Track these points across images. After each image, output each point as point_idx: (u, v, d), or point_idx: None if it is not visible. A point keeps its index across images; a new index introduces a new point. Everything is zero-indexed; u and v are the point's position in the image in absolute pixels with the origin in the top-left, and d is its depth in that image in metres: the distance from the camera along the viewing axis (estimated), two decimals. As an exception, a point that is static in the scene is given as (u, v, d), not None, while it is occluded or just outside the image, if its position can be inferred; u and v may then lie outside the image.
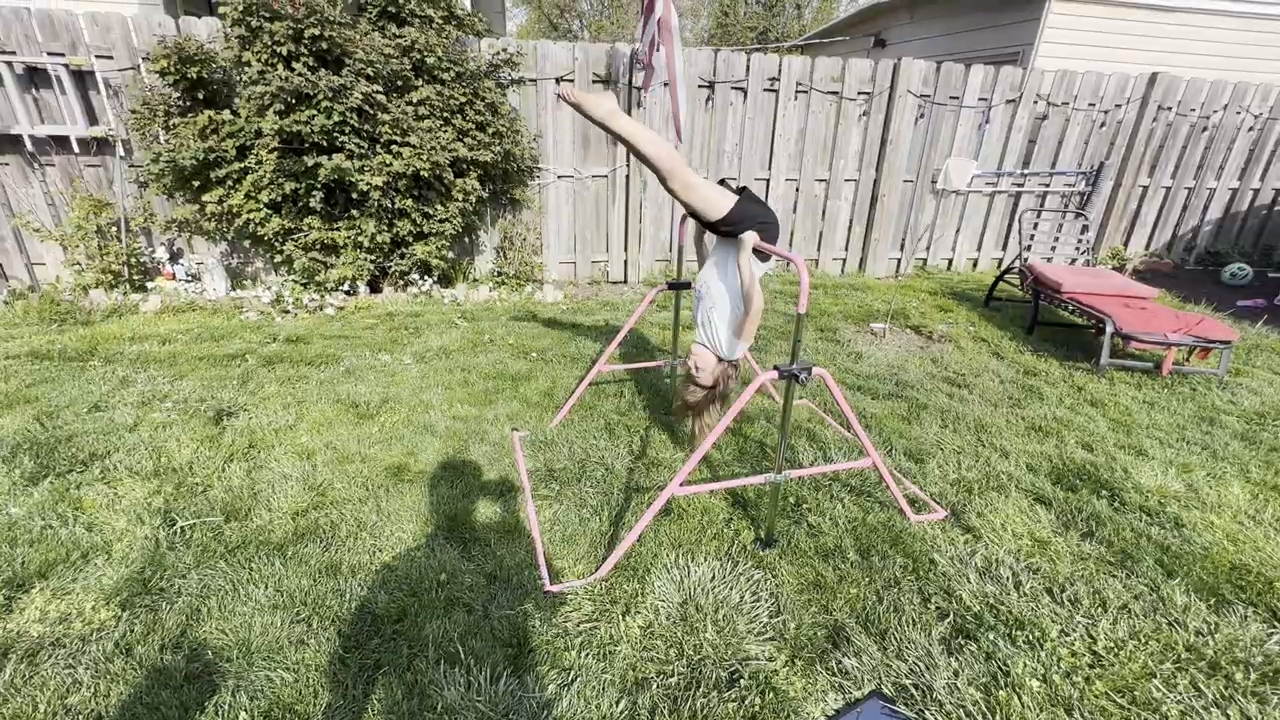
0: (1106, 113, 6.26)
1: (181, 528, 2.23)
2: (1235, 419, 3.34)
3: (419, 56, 4.24)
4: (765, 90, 5.59)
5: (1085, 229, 5.81)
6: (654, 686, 1.70)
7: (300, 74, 3.75)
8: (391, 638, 1.81)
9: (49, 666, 1.67)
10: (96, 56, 4.42)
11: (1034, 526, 2.42)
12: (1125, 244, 6.91)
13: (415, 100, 4.26)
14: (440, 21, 4.44)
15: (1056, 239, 6.10)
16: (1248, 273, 6.25)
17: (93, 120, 4.57)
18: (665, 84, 4.75)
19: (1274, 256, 7.15)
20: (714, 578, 2.10)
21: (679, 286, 3.01)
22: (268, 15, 3.73)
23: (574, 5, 29.35)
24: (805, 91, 5.67)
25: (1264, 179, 6.91)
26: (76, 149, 4.56)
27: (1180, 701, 1.67)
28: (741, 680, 1.73)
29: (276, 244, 4.55)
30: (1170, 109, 6.29)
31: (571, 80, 5.19)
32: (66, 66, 4.36)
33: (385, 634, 1.82)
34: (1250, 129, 6.62)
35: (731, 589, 2.06)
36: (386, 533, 2.27)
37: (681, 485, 2.14)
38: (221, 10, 3.83)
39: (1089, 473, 2.79)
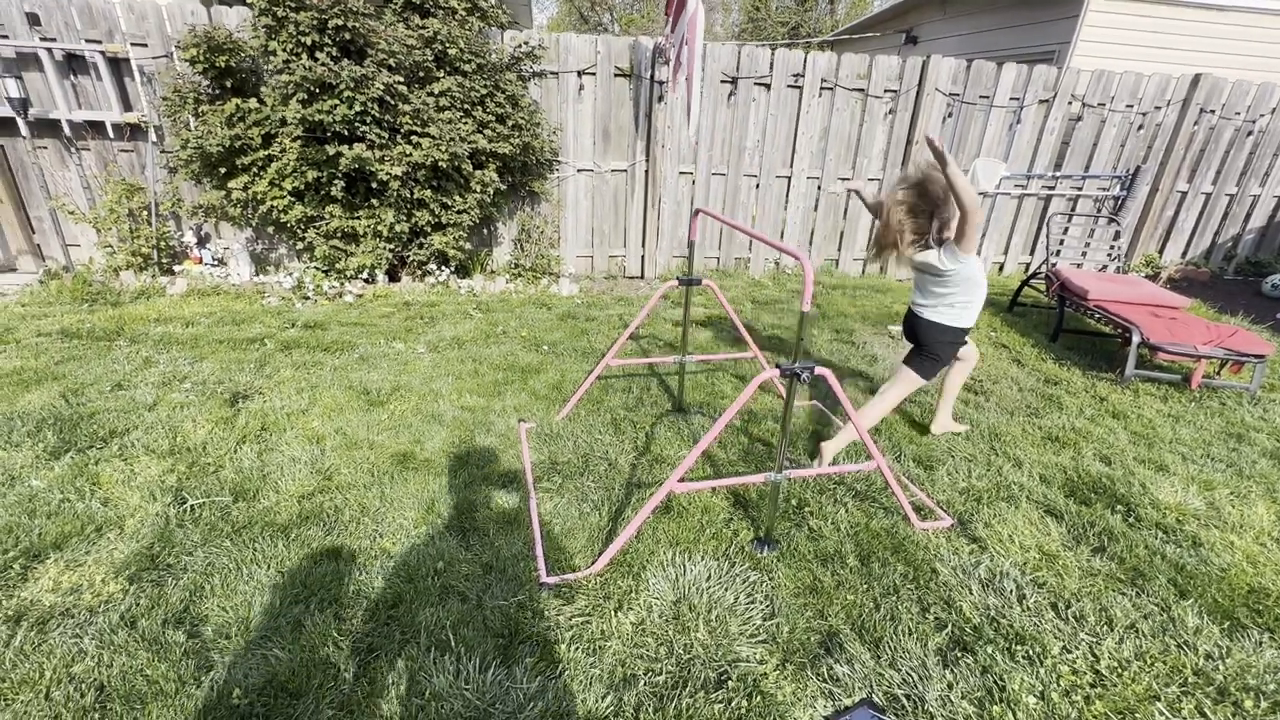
0: (1145, 115, 6.04)
1: (191, 506, 2.29)
2: (1266, 436, 3.22)
3: (441, 48, 4.26)
4: (789, 86, 5.51)
5: (1118, 234, 5.64)
6: (641, 684, 1.70)
7: (323, 64, 3.80)
8: (386, 622, 1.84)
9: (57, 635, 1.73)
10: (132, 44, 4.53)
11: (1043, 539, 2.36)
12: (1160, 251, 6.68)
13: (436, 91, 4.29)
14: (463, 13, 4.46)
15: (1088, 244, 5.92)
16: (1290, 284, 6.00)
17: (127, 106, 4.70)
18: (687, 80, 4.71)
19: (1320, 268, 6.85)
20: (710, 577, 2.09)
21: (690, 283, 2.97)
22: (294, 5, 3.79)
23: (605, -1, 29.29)
24: (830, 88, 5.58)
25: (1312, 187, 6.62)
26: (111, 134, 4.69)
27: (1184, 726, 1.61)
28: (730, 682, 1.71)
29: (299, 231, 4.63)
30: (1213, 112, 6.05)
31: (593, 73, 5.18)
32: (103, 53, 4.48)
33: (380, 618, 1.85)
34: (1299, 134, 6.34)
35: (727, 589, 2.04)
36: (388, 519, 2.30)
37: (680, 482, 2.13)
38: (249, 0, 3.90)
39: (1105, 486, 2.71)
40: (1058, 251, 5.52)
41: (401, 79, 4.06)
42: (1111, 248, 5.64)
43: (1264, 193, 6.57)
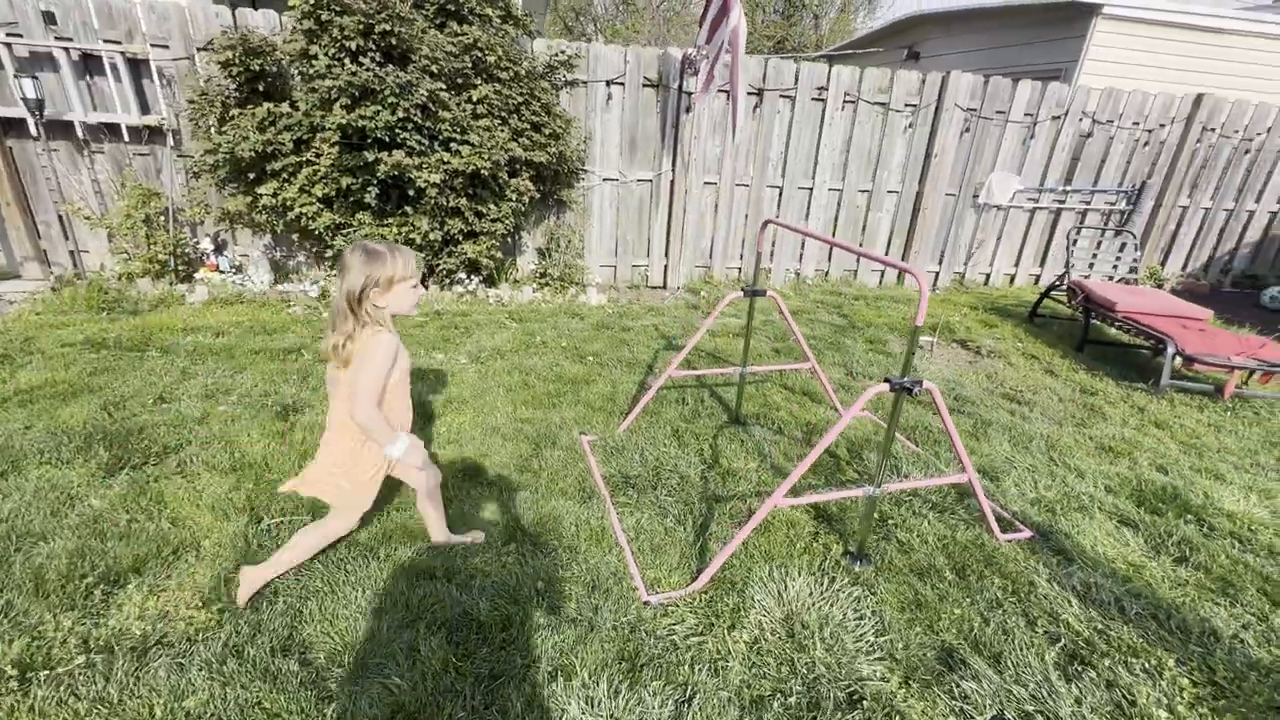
0: (1150, 132, 6.24)
1: (268, 525, 2.20)
2: (1305, 445, 3.31)
3: (479, 55, 4.21)
4: (813, 100, 5.57)
5: (1124, 246, 5.79)
6: (774, 705, 1.66)
7: (368, 69, 3.72)
8: (501, 646, 1.77)
9: (159, 667, 1.63)
10: (153, 45, 4.40)
11: (1124, 550, 2.38)
12: (1163, 264, 6.88)
13: (475, 99, 4.24)
14: (498, 20, 4.43)
15: (1095, 255, 6.07)
16: (1288, 296, 6.21)
17: (144, 109, 4.55)
18: (721, 91, 4.73)
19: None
20: (811, 593, 2.07)
21: (754, 294, 2.96)
22: (339, 9, 3.71)
23: (589, 9, 29.44)
24: (853, 101, 5.65)
25: (1303, 203, 6.89)
26: (127, 137, 4.54)
27: (1316, 738, 1.63)
28: (864, 701, 1.69)
29: (327, 238, 4.52)
30: (1214, 130, 6.27)
31: (622, 83, 5.17)
32: (123, 54, 4.34)
33: (494, 642, 1.79)
34: (1292, 152, 6.60)
35: (832, 605, 2.02)
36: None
37: (785, 497, 2.10)
38: (292, 3, 3.80)
39: (1170, 496, 2.75)
40: (1077, 265, 5.64)
41: (443, 86, 4.00)
42: (1118, 259, 5.78)
43: (1259, 209, 6.82)
